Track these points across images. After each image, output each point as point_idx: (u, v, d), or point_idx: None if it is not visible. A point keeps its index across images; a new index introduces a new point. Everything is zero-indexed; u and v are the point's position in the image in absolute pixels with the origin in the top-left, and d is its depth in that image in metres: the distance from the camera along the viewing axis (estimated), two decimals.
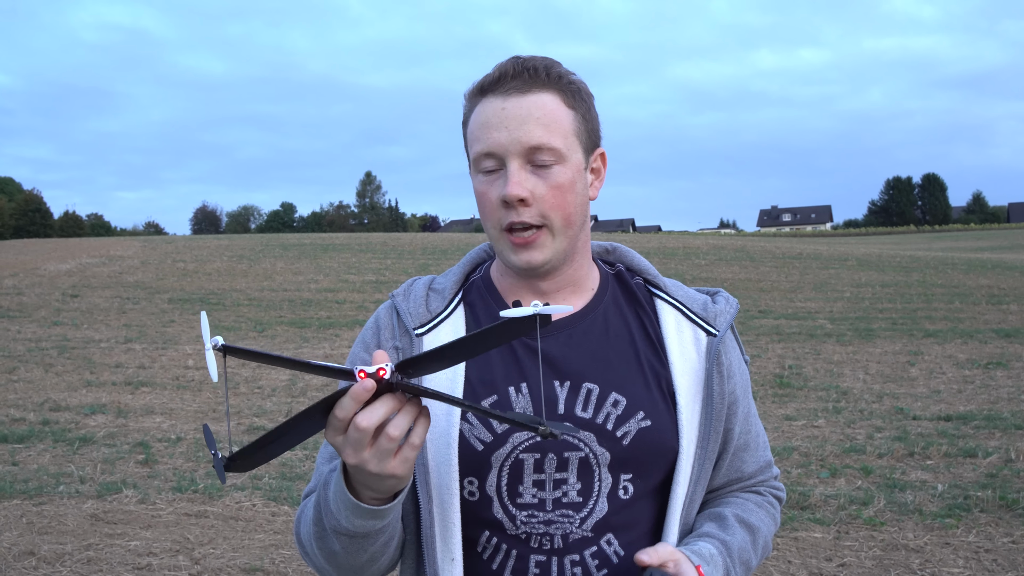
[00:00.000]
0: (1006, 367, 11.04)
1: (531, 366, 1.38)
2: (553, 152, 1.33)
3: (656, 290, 1.49)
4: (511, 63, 1.35)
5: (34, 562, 4.83)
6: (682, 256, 27.31)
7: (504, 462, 1.34)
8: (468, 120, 1.39)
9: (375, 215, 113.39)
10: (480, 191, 1.37)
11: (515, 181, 1.31)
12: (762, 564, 4.77)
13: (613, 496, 1.36)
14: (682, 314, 1.46)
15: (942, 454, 6.90)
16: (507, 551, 1.35)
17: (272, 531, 5.41)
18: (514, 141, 1.32)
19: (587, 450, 1.34)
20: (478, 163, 1.36)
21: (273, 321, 16.11)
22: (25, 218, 79.57)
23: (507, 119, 1.32)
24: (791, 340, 13.78)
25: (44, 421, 8.36)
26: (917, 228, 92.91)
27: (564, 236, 1.36)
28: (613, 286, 1.49)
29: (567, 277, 1.43)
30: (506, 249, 1.37)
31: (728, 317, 1.47)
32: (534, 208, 1.33)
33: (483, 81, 1.37)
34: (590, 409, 1.36)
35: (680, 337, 1.43)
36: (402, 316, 1.43)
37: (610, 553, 1.35)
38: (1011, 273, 23.35)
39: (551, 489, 1.34)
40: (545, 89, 1.34)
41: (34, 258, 26.05)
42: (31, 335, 14.21)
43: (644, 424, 1.36)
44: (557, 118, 1.34)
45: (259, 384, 10.37)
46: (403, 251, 28.62)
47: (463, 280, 1.50)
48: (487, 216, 1.37)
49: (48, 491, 6.17)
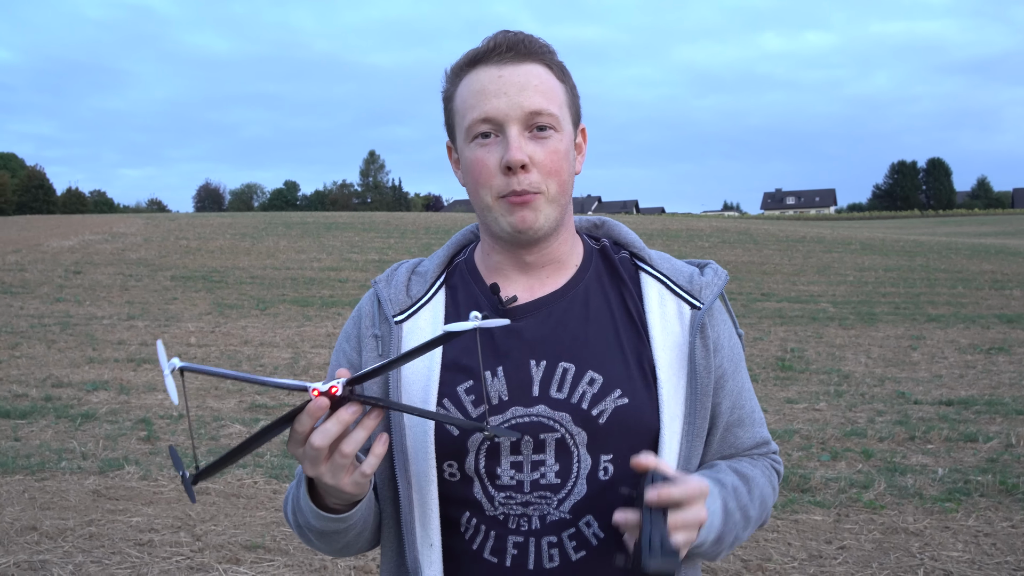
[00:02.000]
0: (1008, 352, 11.03)
1: (509, 348, 1.37)
2: (552, 117, 1.34)
3: (641, 263, 1.47)
4: (502, 35, 1.36)
5: (36, 537, 4.85)
6: (685, 238, 27.26)
7: (481, 446, 1.33)
8: (455, 94, 1.38)
9: (378, 194, 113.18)
10: (476, 157, 1.35)
11: (516, 146, 1.31)
12: (761, 546, 4.78)
13: (593, 478, 1.33)
14: (666, 287, 1.43)
15: (943, 438, 6.90)
16: (486, 532, 1.35)
17: (273, 508, 5.43)
18: (515, 106, 1.31)
19: (563, 431, 1.33)
20: (471, 130, 1.34)
21: (276, 299, 16.12)
22: (28, 194, 79.57)
23: (505, 86, 1.32)
24: (794, 323, 13.77)
25: (46, 397, 8.38)
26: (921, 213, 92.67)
27: (557, 204, 1.36)
28: (597, 262, 1.47)
29: (552, 252, 1.42)
30: (502, 214, 1.35)
31: (715, 289, 1.43)
32: (533, 174, 1.32)
33: (473, 53, 1.36)
34: (565, 389, 1.34)
35: (663, 311, 1.41)
36: (383, 303, 1.44)
37: (589, 535, 1.33)
38: (1015, 259, 23.29)
39: (529, 471, 1.33)
40: (538, 61, 1.36)
41: (37, 234, 26.06)
42: (34, 311, 14.23)
43: (621, 402, 1.33)
44: (552, 87, 1.36)
45: (261, 362, 10.38)
46: (406, 230, 28.58)
47: (447, 263, 1.50)
48: (483, 182, 1.35)
49: (50, 467, 6.19)
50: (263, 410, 8.01)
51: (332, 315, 14.48)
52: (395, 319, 1.42)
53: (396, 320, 1.42)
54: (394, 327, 1.41)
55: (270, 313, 14.66)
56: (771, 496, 1.47)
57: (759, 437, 1.50)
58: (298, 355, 10.86)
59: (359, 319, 1.47)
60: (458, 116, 1.38)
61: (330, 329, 12.93)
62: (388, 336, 1.41)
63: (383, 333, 1.42)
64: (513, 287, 1.42)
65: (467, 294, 1.44)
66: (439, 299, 1.44)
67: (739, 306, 15.52)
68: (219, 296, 16.36)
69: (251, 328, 13.07)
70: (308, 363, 10.29)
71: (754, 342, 11.92)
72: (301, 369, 9.97)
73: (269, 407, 8.12)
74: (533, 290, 1.42)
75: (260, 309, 15.04)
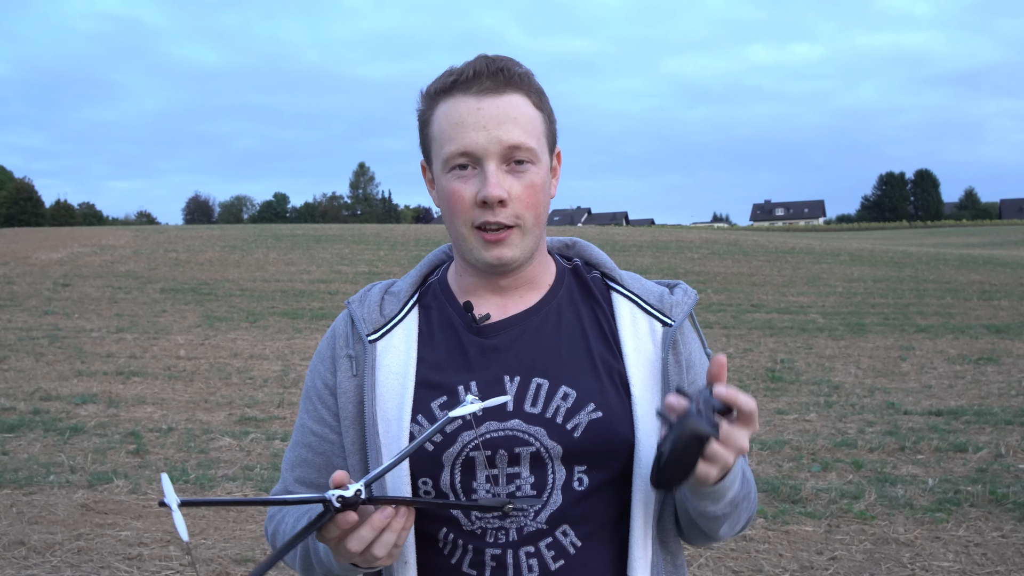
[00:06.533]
0: (996, 362, 11.08)
1: (481, 365, 1.38)
2: (530, 152, 1.34)
3: (613, 283, 1.48)
4: (482, 62, 1.35)
5: (24, 552, 4.81)
6: (675, 250, 27.32)
7: (455, 460, 1.34)
8: (432, 119, 1.38)
9: (368, 206, 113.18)
10: (452, 189, 1.35)
11: (494, 182, 1.32)
12: (752, 557, 4.79)
13: (568, 488, 1.34)
14: (637, 306, 1.45)
15: (933, 449, 6.93)
16: (464, 546, 1.35)
17: (263, 522, 5.40)
18: (493, 141, 1.32)
19: (537, 444, 1.34)
20: (449, 162, 1.35)
21: (265, 312, 16.07)
22: (16, 207, 79.11)
23: (484, 119, 1.32)
24: (783, 334, 13.81)
25: (35, 410, 8.33)
26: (909, 224, 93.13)
27: (532, 235, 1.38)
28: (569, 280, 1.49)
29: (526, 275, 1.43)
30: (477, 247, 1.37)
31: (685, 308, 1.45)
32: (510, 209, 1.34)
33: (452, 79, 1.35)
34: (539, 404, 1.35)
35: (635, 329, 1.42)
36: (356, 323, 1.45)
37: (566, 544, 1.34)
38: (1002, 269, 23.42)
39: (504, 484, 1.34)
40: (517, 91, 1.35)
41: (25, 247, 25.93)
42: (22, 324, 14.16)
43: (595, 416, 1.34)
44: (531, 119, 1.36)
45: (251, 375, 10.35)
46: (396, 242, 28.56)
47: (420, 282, 1.51)
48: (458, 214, 1.36)
49: (39, 481, 6.15)
50: (252, 423, 7.98)
51: (322, 327, 14.44)
52: (369, 338, 1.43)
53: (370, 339, 1.43)
54: (368, 346, 1.42)
55: (260, 325, 14.62)
56: (753, 485, 1.48)
57: None
58: (288, 367, 10.83)
59: (333, 339, 1.48)
60: (435, 144, 1.38)
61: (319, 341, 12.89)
62: (363, 355, 1.43)
63: (357, 353, 1.43)
64: (486, 306, 1.44)
65: (441, 313, 1.45)
66: (412, 318, 1.45)
67: (729, 317, 15.55)
68: (208, 308, 16.30)
69: (241, 340, 13.03)
70: (298, 376, 10.26)
71: (744, 353, 11.94)
72: (291, 381, 9.94)
73: (259, 420, 8.09)
74: (506, 308, 1.44)
75: (250, 321, 14.99)
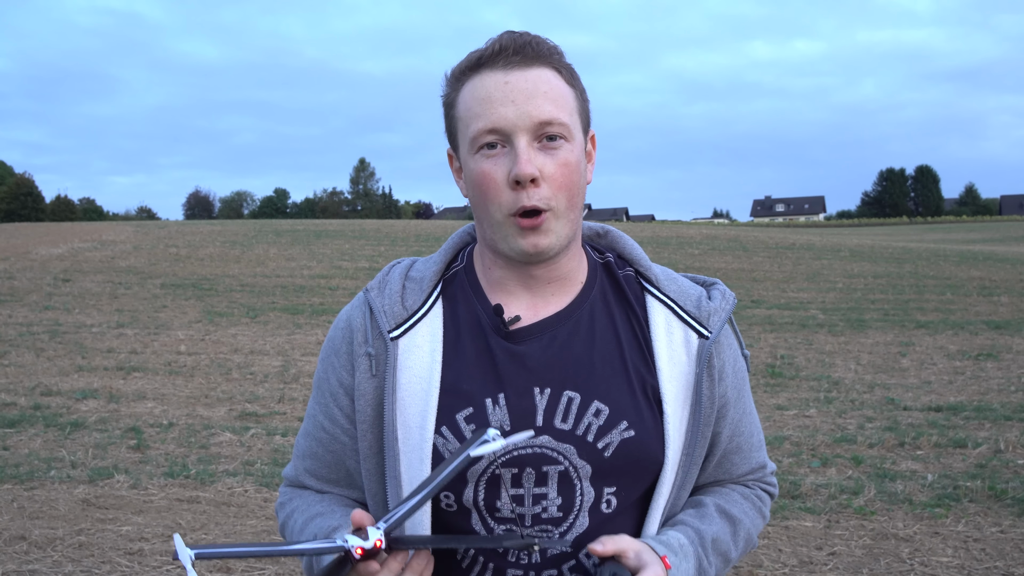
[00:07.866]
0: (996, 358, 11.09)
1: (511, 375, 1.30)
2: (563, 127, 1.26)
3: (647, 284, 1.40)
4: (508, 37, 1.27)
5: (25, 547, 4.82)
6: (675, 245, 27.31)
7: (480, 477, 1.28)
8: (457, 100, 1.29)
9: (369, 202, 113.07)
10: (482, 171, 1.26)
11: (525, 159, 1.22)
12: (752, 553, 4.79)
13: (595, 510, 1.30)
14: (673, 313, 1.37)
15: (932, 444, 6.93)
16: (484, 563, 1.31)
17: (264, 517, 5.41)
18: (523, 115, 1.23)
19: (567, 463, 1.28)
20: (476, 141, 1.26)
21: (266, 307, 16.07)
22: (16, 202, 79.03)
23: (513, 93, 1.23)
24: (783, 330, 13.81)
25: (35, 406, 8.34)
26: (910, 220, 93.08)
27: (567, 220, 1.28)
28: (602, 279, 1.40)
29: (559, 267, 1.34)
30: (513, 234, 1.27)
31: (723, 315, 1.38)
32: (543, 188, 1.24)
33: (477, 56, 1.27)
34: (570, 419, 1.28)
35: (670, 339, 1.35)
36: (376, 316, 1.34)
37: (589, 566, 1.30)
38: (1002, 265, 23.41)
39: (530, 504, 1.29)
40: (547, 64, 1.27)
41: (25, 242, 25.93)
42: (22, 319, 14.16)
43: (627, 435, 1.29)
44: (562, 93, 1.27)
45: (251, 370, 10.36)
46: (396, 238, 28.55)
47: (444, 269, 1.41)
48: (491, 198, 1.26)
49: (39, 476, 6.16)
50: (253, 418, 7.99)
51: (322, 323, 14.45)
52: (390, 335, 1.32)
53: (391, 336, 1.32)
54: (389, 344, 1.32)
55: (260, 321, 14.63)
56: (759, 527, 1.46)
57: (755, 463, 1.47)
58: (288, 363, 10.83)
59: (350, 333, 1.37)
60: (461, 124, 1.29)
61: (320, 337, 12.89)
62: (383, 353, 1.32)
63: (377, 350, 1.33)
64: (516, 304, 1.35)
65: (467, 310, 1.36)
66: (436, 313, 1.35)
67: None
68: (209, 304, 16.30)
69: (241, 336, 13.04)
70: (299, 371, 10.27)
71: None
72: (291, 377, 9.94)
73: (260, 415, 8.09)
74: (537, 309, 1.35)
75: (250, 317, 15.00)
